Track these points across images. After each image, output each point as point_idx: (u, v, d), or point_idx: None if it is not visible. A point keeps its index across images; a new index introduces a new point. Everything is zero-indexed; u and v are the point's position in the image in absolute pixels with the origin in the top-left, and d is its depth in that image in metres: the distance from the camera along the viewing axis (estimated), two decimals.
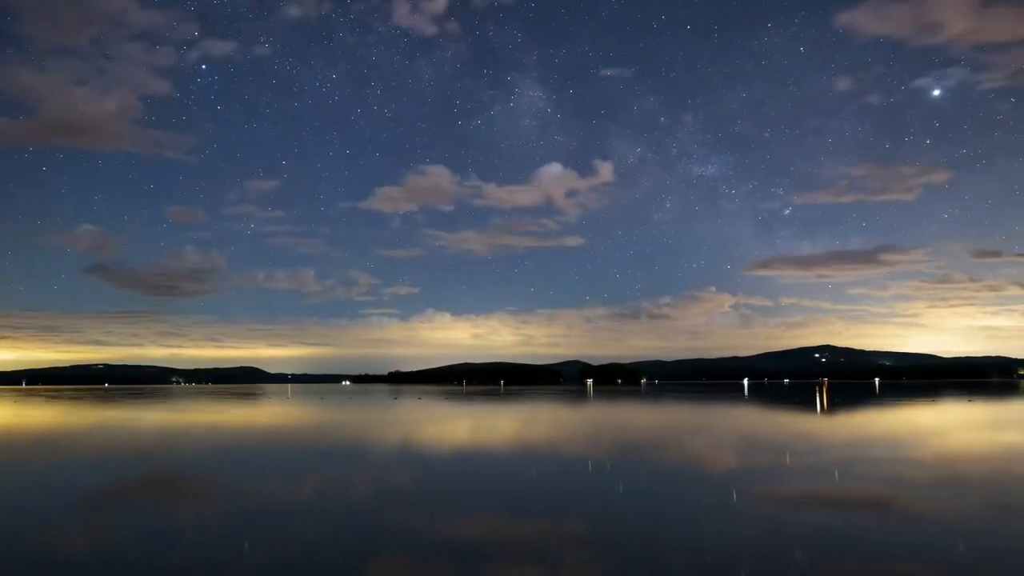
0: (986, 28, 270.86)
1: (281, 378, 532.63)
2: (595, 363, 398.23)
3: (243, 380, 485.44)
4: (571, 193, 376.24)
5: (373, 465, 15.11)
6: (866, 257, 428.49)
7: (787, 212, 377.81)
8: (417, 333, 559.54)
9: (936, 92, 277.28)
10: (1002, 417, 30.97)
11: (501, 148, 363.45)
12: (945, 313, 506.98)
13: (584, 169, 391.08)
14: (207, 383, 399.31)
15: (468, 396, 72.57)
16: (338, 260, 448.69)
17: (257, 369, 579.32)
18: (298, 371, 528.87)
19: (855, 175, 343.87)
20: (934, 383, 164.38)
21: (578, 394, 79.57)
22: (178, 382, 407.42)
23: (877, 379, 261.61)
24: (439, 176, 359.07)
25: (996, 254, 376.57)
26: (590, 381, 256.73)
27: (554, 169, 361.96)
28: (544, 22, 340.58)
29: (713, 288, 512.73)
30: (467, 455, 17.17)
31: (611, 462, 15.26)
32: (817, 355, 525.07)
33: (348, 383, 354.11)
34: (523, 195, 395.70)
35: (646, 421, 29.93)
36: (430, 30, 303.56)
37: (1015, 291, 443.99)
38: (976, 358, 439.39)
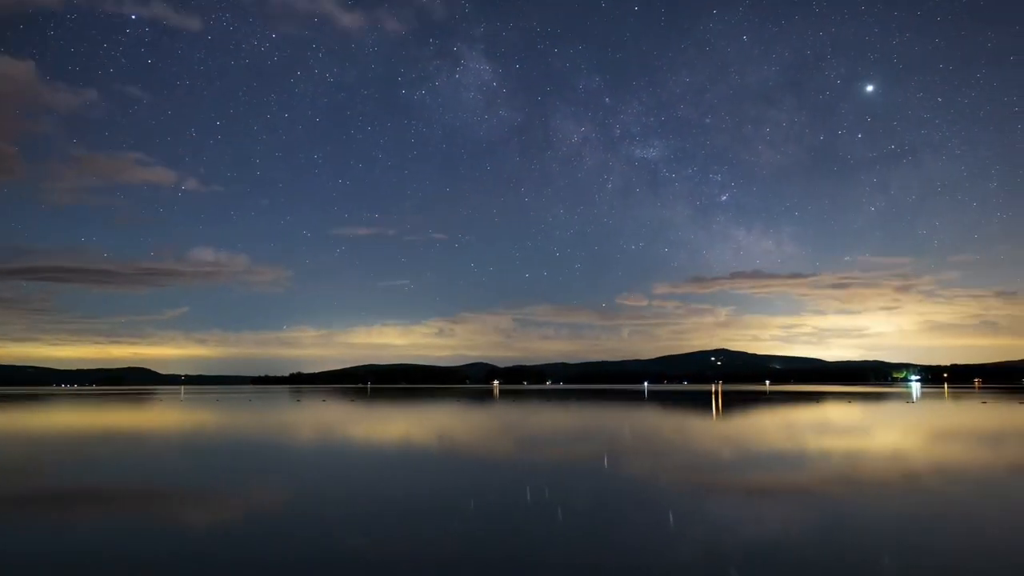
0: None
1: (174, 379, 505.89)
2: (501, 365, 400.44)
3: (132, 381, 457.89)
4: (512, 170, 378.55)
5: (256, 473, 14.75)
6: (769, 263, 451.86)
7: (724, 198, 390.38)
8: (321, 333, 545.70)
9: (870, 88, 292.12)
10: (881, 416, 33.75)
11: (445, 120, 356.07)
12: (834, 316, 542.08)
13: (527, 146, 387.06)
14: (91, 384, 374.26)
15: (372, 398, 71.53)
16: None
17: (147, 370, 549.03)
18: (192, 372, 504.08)
19: (790, 165, 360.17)
20: (820, 386, 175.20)
21: (480, 395, 79.89)
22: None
23: (768, 381, 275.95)
24: None
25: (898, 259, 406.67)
26: (496, 383, 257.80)
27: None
28: None
29: (626, 292, 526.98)
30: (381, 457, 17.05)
31: (478, 459, 15.58)
32: (713, 358, 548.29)
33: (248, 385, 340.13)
34: None
35: (529, 422, 30.53)
36: None
37: (890, 300, 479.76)
38: (856, 362, 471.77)
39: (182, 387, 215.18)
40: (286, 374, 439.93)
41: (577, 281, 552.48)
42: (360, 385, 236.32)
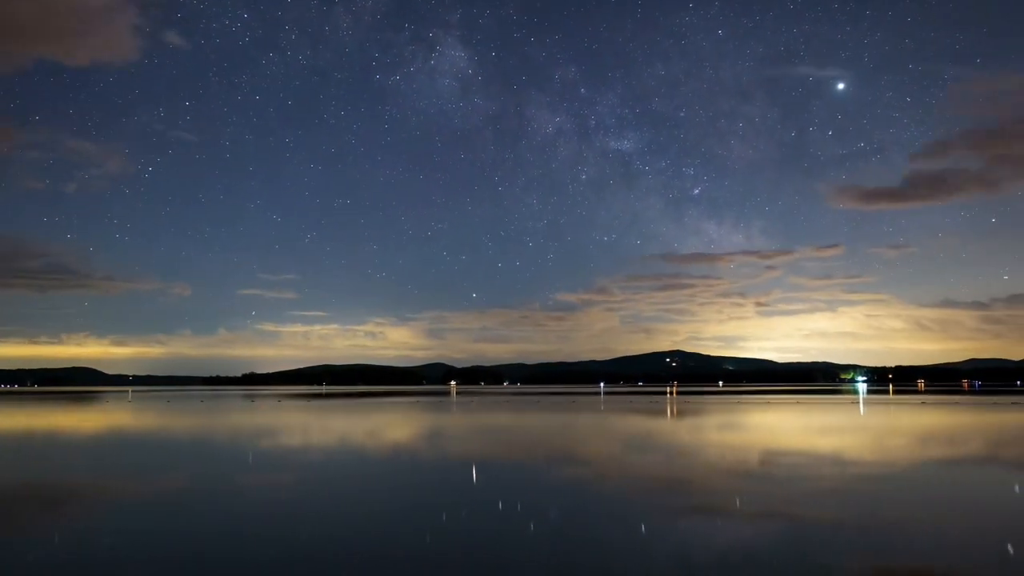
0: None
1: (120, 380, 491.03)
2: (459, 365, 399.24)
3: (77, 382, 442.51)
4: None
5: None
6: (715, 260, 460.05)
7: (696, 192, 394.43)
8: (275, 332, 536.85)
9: (841, 85, 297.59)
10: (822, 417, 34.78)
11: (420, 107, 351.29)
12: (784, 318, 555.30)
13: (502, 135, 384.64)
14: (32, 385, 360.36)
15: (327, 399, 70.65)
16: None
17: (93, 370, 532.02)
18: (140, 372, 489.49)
19: (761, 161, 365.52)
20: (770, 386, 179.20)
21: (438, 397, 79.65)
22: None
23: (720, 382, 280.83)
24: None
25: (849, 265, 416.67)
26: (453, 383, 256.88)
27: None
28: None
29: (593, 287, 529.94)
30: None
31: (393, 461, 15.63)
32: (668, 360, 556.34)
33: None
34: None
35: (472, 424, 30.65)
36: None
37: (847, 298, 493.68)
38: (805, 363, 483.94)
39: (129, 388, 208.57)
40: (238, 374, 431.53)
41: (549, 273, 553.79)
42: (314, 386, 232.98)
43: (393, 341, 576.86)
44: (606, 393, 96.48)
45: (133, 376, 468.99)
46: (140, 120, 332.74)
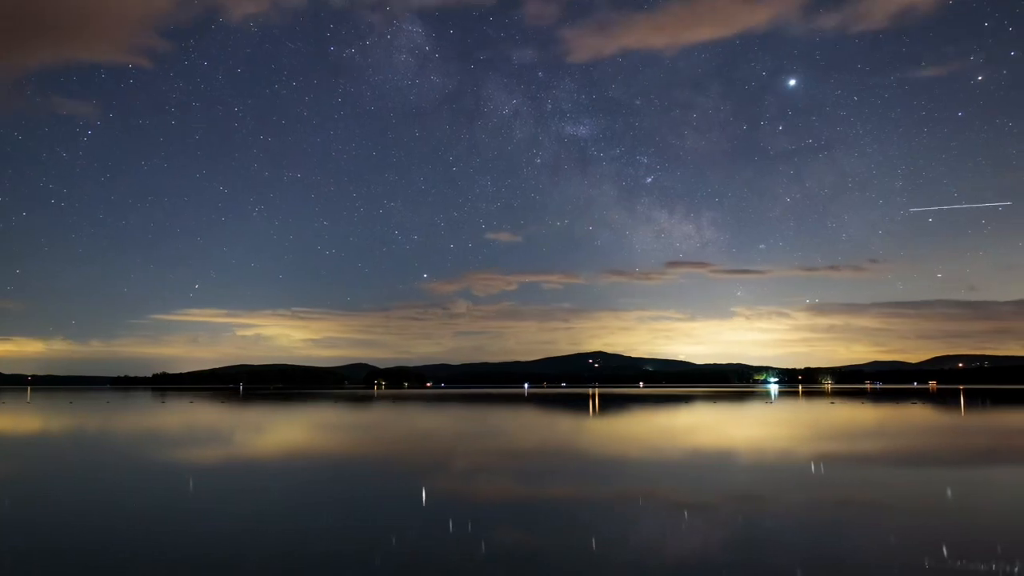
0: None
1: (18, 380, 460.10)
2: (382, 366, 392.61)
3: None
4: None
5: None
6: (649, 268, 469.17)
7: (649, 181, 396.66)
8: (192, 328, 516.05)
9: (792, 82, 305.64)
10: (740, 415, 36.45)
11: (375, 82, 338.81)
12: (705, 320, 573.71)
13: (458, 114, 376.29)
14: None
15: (244, 401, 68.63)
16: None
17: None
18: (41, 372, 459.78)
19: (714, 152, 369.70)
20: (689, 387, 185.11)
21: (359, 397, 78.65)
22: None
23: (641, 383, 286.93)
24: None
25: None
26: (376, 384, 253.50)
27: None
28: None
29: (541, 275, 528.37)
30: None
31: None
32: (591, 360, 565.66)
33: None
34: None
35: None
36: None
37: (763, 306, 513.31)
38: (721, 364, 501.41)
39: (28, 388, 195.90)
40: (149, 375, 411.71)
41: (504, 256, 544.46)
42: (231, 387, 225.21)
43: (316, 338, 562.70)
44: (530, 392, 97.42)
45: (32, 376, 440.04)
46: (80, 80, 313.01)
